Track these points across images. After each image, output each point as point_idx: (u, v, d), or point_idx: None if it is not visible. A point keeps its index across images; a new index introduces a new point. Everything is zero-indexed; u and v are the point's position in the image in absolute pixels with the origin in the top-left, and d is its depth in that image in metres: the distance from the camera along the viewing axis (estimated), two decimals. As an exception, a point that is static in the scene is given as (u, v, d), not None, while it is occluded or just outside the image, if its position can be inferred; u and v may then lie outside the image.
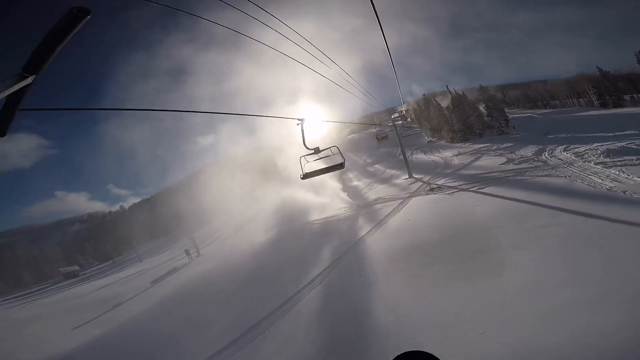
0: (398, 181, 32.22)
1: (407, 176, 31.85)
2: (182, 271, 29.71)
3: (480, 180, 22.74)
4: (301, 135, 7.99)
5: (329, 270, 16.24)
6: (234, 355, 11.76)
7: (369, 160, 46.37)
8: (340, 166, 8.10)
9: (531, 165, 23.36)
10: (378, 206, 24.93)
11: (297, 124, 7.90)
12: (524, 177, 20.82)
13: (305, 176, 8.42)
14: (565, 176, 18.66)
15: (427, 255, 13.95)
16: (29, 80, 1.43)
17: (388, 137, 39.40)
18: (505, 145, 33.26)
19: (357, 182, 38.51)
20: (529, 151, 27.97)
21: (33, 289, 45.47)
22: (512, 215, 15.08)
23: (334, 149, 8.60)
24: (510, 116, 44.46)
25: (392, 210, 22.19)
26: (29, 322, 25.67)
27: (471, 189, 21.60)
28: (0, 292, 45.87)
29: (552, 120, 40.11)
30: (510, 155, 28.58)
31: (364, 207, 26.31)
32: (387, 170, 39.11)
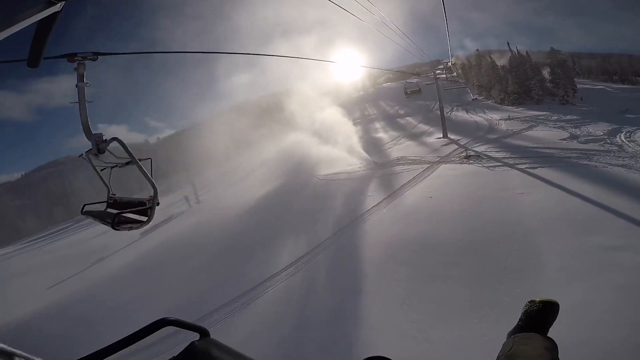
0: (430, 140, 27.73)
1: (442, 135, 27.31)
2: (175, 222, 27.18)
3: (533, 157, 18.13)
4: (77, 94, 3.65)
5: (305, 260, 12.79)
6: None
7: (401, 112, 41.15)
8: (142, 221, 3.51)
9: (602, 148, 18.43)
10: (398, 169, 20.82)
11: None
12: (592, 163, 16.13)
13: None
14: (651, 172, 14.02)
15: (442, 260, 10.24)
16: (58, 7, 1.37)
17: (421, 92, 33.55)
18: (568, 117, 27.51)
19: (382, 134, 33.95)
20: (599, 129, 22.56)
21: (58, 228, 45.39)
22: (571, 220, 10.96)
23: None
24: (578, 86, 37.55)
25: (413, 178, 18.15)
26: (17, 277, 23.84)
27: (519, 166, 17.19)
28: (34, 230, 46.21)
29: (632, 97, 33.00)
30: (574, 130, 23.30)
31: (382, 167, 22.26)
32: (419, 125, 34.23)
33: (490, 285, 8.68)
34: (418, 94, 33.28)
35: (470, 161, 19.73)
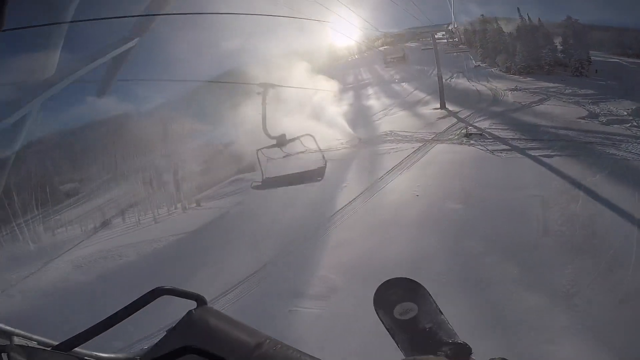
0: (425, 110, 24.32)
1: (439, 106, 23.85)
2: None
3: (547, 140, 15.04)
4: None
5: (233, 295, 9.29)
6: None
7: (396, 77, 37.14)
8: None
9: (629, 132, 15.39)
10: (385, 148, 17.49)
11: None
12: (620, 153, 13.12)
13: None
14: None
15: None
16: None
17: (407, 59, 29.17)
18: (584, 91, 24.03)
19: (374, 101, 30.10)
20: (621, 107, 19.28)
21: (22, 220, 40.99)
22: (608, 255, 7.95)
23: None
24: (591, 58, 33.93)
25: (400, 162, 14.95)
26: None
27: (531, 152, 14.12)
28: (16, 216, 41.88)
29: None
30: (592, 107, 20.05)
31: (366, 145, 18.82)
32: (415, 92, 30.35)
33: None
34: (402, 61, 29.01)
35: (471, 141, 16.72)
